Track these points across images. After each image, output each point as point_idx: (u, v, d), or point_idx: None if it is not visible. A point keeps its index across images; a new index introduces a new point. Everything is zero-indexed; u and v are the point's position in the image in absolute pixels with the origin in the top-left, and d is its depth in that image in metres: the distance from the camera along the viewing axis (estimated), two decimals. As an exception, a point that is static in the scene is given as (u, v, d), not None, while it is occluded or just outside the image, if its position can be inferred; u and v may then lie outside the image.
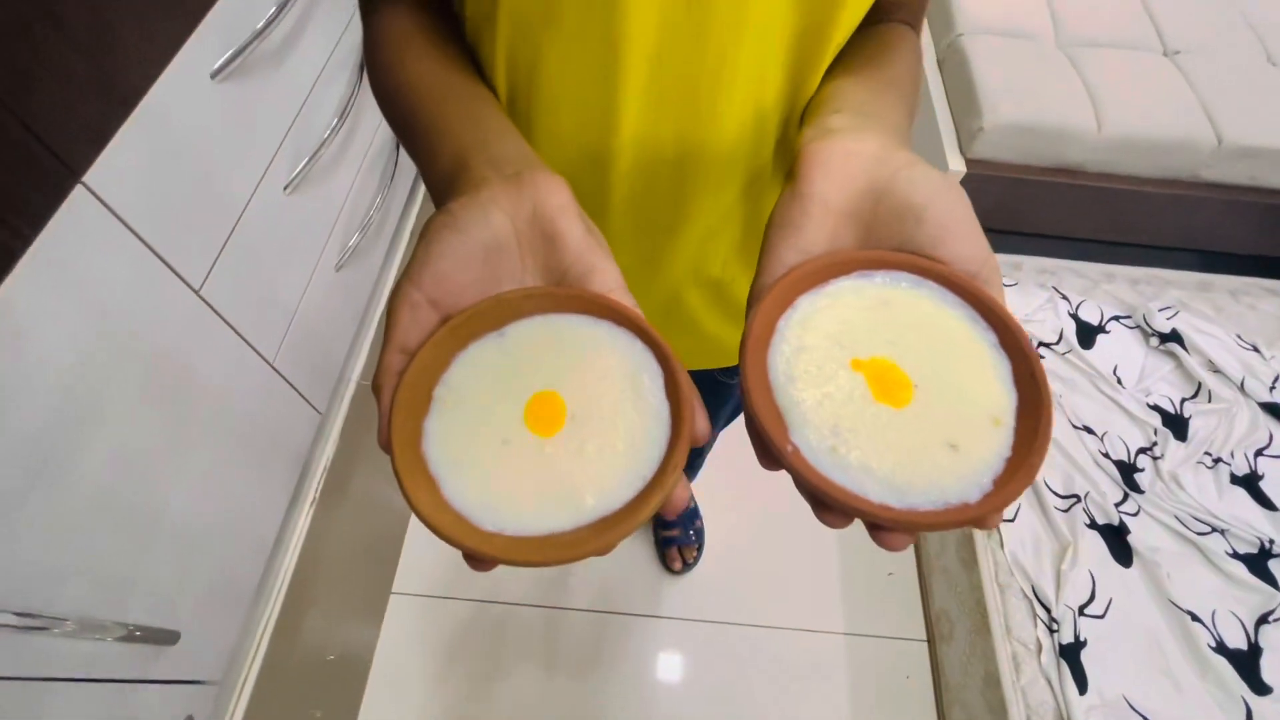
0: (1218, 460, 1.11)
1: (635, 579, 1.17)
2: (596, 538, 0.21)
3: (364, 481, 1.24)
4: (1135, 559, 1.00)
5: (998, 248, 1.07)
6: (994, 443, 0.21)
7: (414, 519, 1.12)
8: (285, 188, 0.96)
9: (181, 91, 0.74)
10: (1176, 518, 1.04)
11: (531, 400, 0.23)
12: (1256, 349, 1.22)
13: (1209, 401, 1.16)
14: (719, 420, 0.77)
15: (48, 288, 0.61)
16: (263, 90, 0.89)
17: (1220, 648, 0.94)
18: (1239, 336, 1.23)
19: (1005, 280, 1.25)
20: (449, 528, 0.21)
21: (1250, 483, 1.09)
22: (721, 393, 0.69)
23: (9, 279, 0.57)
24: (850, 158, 0.24)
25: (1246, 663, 0.93)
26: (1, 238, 0.56)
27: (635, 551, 1.20)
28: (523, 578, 1.15)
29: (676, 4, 0.30)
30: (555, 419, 0.23)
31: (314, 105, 1.01)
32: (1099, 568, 0.99)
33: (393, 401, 0.23)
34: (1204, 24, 1.31)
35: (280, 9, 0.87)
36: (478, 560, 0.22)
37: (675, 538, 1.18)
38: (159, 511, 0.79)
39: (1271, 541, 1.01)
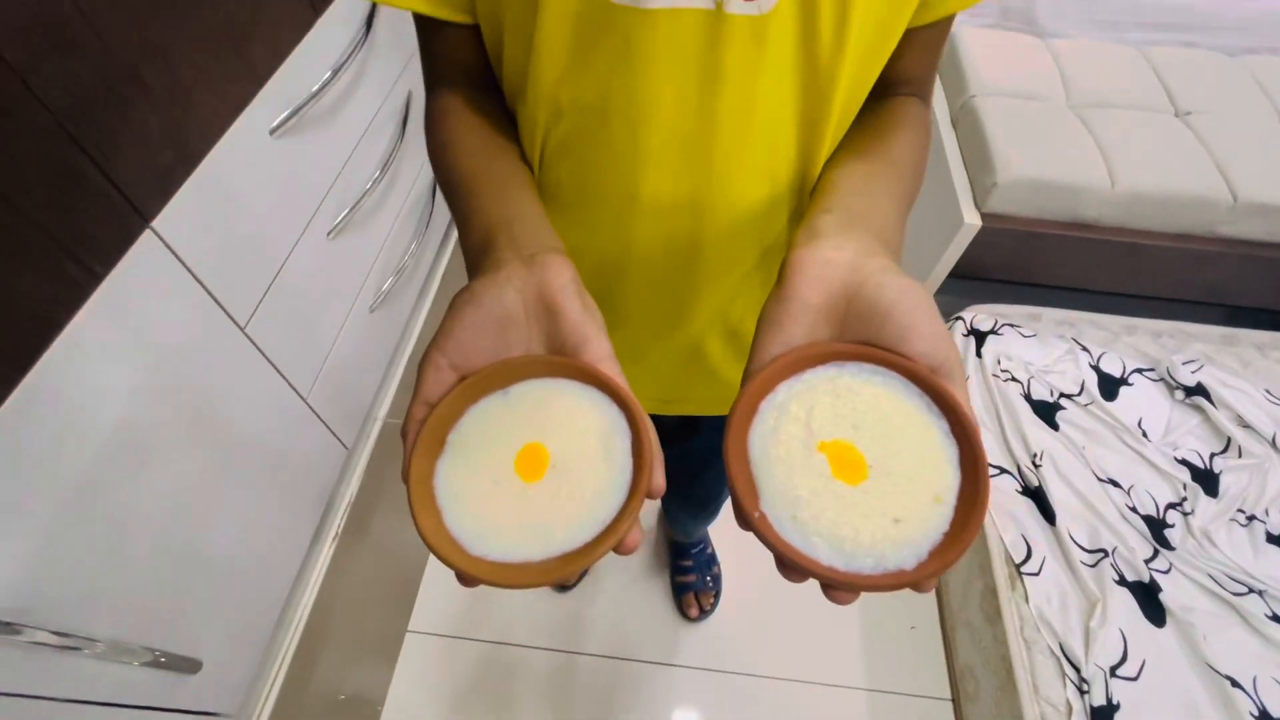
0: (1252, 518, 1.08)
1: (651, 624, 1.16)
2: (561, 567, 0.25)
3: (385, 519, 1.26)
4: (1169, 618, 0.97)
5: (1016, 299, 1.07)
6: (934, 518, 0.24)
7: (432, 557, 1.13)
8: (328, 234, 1.02)
9: (242, 146, 0.81)
10: (1211, 576, 1.00)
11: (522, 450, 0.28)
12: (1287, 404, 1.20)
13: (1239, 457, 1.14)
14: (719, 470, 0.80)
15: (113, 323, 0.66)
16: (314, 145, 0.97)
17: (1264, 716, 0.89)
18: (1268, 391, 1.21)
19: (1024, 331, 1.27)
20: (445, 551, 0.26)
21: (1287, 542, 1.05)
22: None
23: (80, 313, 0.62)
24: (828, 265, 0.28)
25: (1294, 734, 0.88)
26: (76, 275, 0.61)
27: (651, 596, 1.19)
28: (537, 620, 1.15)
29: (689, 87, 0.34)
30: (539, 467, 0.28)
31: (359, 159, 1.08)
32: (1130, 627, 0.96)
33: (414, 445, 0.27)
34: (1214, 86, 1.34)
35: (334, 73, 0.95)
36: (466, 578, 0.26)
37: (691, 583, 1.17)
38: (191, 541, 0.82)
39: (1314, 604, 0.97)
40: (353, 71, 1.02)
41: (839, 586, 0.23)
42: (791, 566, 0.24)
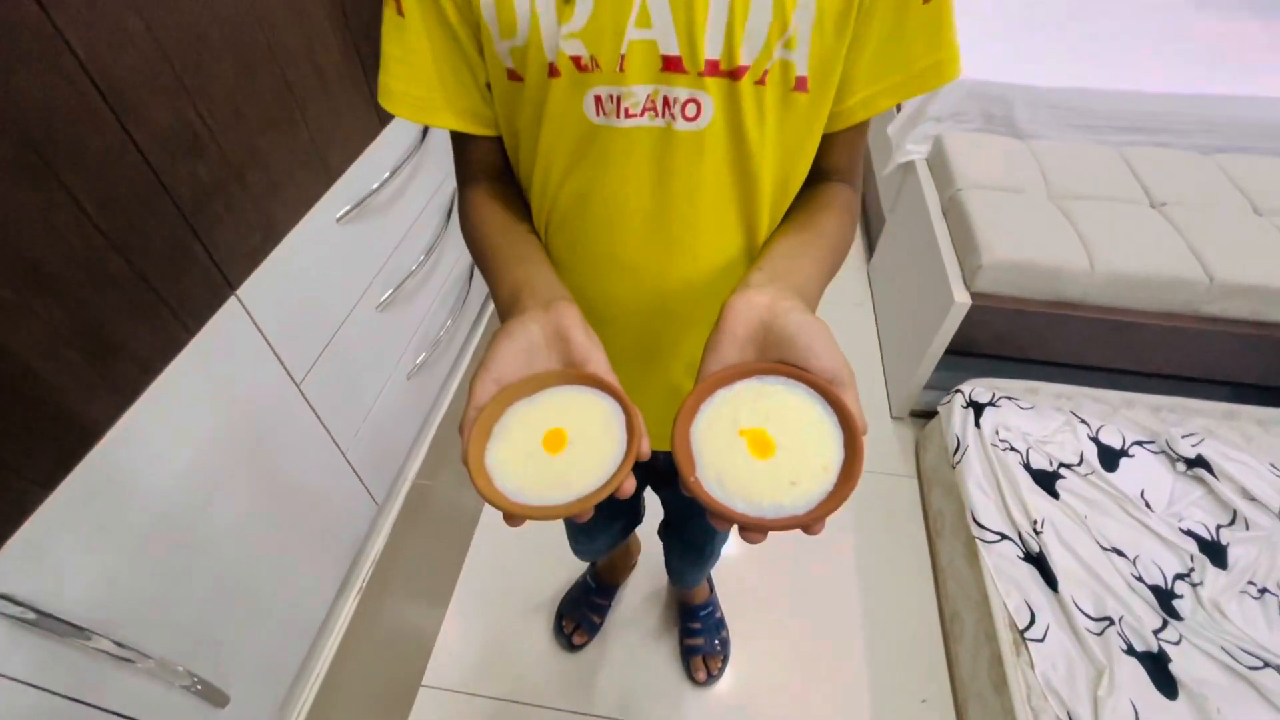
0: (1264, 590, 1.07)
1: (658, 688, 1.16)
2: (580, 505, 0.35)
3: (407, 577, 1.32)
4: (1181, 691, 0.95)
5: (1014, 374, 1.15)
6: (822, 481, 0.32)
7: (448, 613, 1.17)
8: (377, 306, 1.17)
9: (313, 231, 0.96)
10: (1224, 649, 0.99)
11: (547, 433, 0.38)
12: (1294, 478, 1.21)
13: (1247, 529, 1.14)
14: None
15: (198, 372, 0.78)
16: (371, 231, 1.13)
17: (1290, 799, 0.86)
18: (1272, 465, 1.22)
19: (1022, 404, 1.32)
20: (497, 500, 0.36)
21: (1304, 616, 1.04)
22: None
23: (173, 362, 0.74)
24: (751, 307, 0.38)
25: (1323, 819, 0.84)
26: (175, 330, 0.74)
27: (659, 659, 1.20)
28: (548, 679, 1.17)
29: (648, 181, 0.46)
30: (560, 444, 0.38)
31: (408, 244, 1.24)
32: (1141, 698, 0.94)
33: (470, 436, 0.37)
34: (1187, 180, 1.45)
35: (392, 173, 1.13)
36: (512, 518, 0.36)
37: (700, 646, 1.18)
38: (235, 578, 0.90)
39: (1335, 680, 0.95)
40: (408, 171, 1.20)
41: (750, 527, 0.31)
42: (718, 515, 0.32)
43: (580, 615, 1.23)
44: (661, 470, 0.77)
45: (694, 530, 0.88)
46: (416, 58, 0.44)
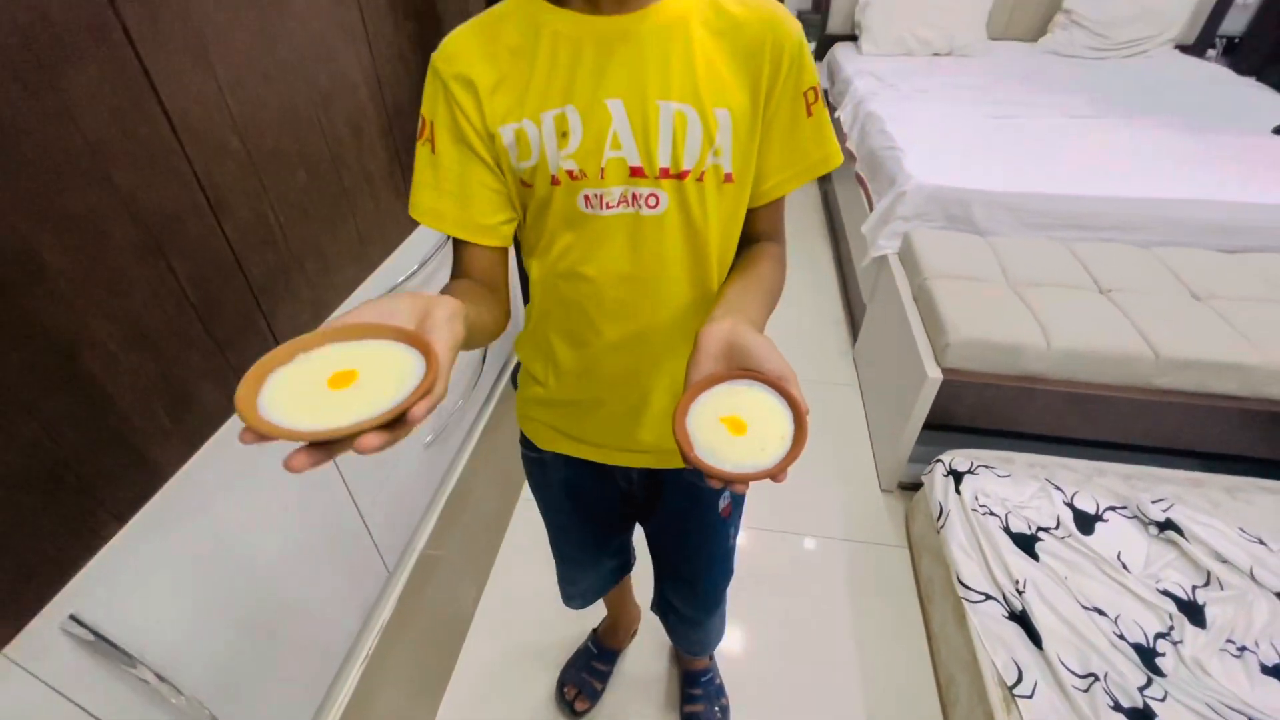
0: (1243, 649, 1.10)
1: (659, 757, 1.17)
2: (325, 435, 0.34)
3: (411, 647, 1.34)
4: (1169, 747, 0.97)
5: (991, 447, 1.25)
6: (781, 446, 0.43)
7: (449, 686, 1.19)
8: (402, 380, 1.29)
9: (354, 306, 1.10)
10: (1209, 705, 1.02)
11: (337, 373, 0.38)
12: (1262, 541, 1.27)
13: (1221, 589, 1.19)
14: (705, 530, 0.87)
15: (231, 459, 0.89)
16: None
17: None
18: (1241, 529, 1.29)
19: (999, 472, 1.40)
20: (243, 410, 0.35)
21: (1284, 674, 1.07)
22: (701, 499, 0.83)
23: (230, 420, 0.85)
24: (719, 331, 0.50)
25: None
26: (213, 403, 0.86)
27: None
28: (548, 749, 1.17)
29: (624, 251, 0.59)
30: (346, 383, 0.37)
31: (431, 325, 1.38)
32: (1130, 754, 0.96)
33: (260, 359, 0.38)
34: (1130, 269, 1.61)
35: (421, 264, 1.29)
36: (247, 433, 0.34)
37: (700, 713, 1.20)
38: (263, 623, 0.96)
39: (1319, 736, 0.98)
40: (432, 265, 1.37)
41: (736, 480, 0.42)
42: (712, 475, 0.42)
43: (582, 681, 1.25)
44: (641, 502, 0.86)
45: (683, 560, 0.92)
46: (440, 184, 0.59)
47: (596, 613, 1.33)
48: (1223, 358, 1.34)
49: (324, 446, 0.34)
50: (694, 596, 0.98)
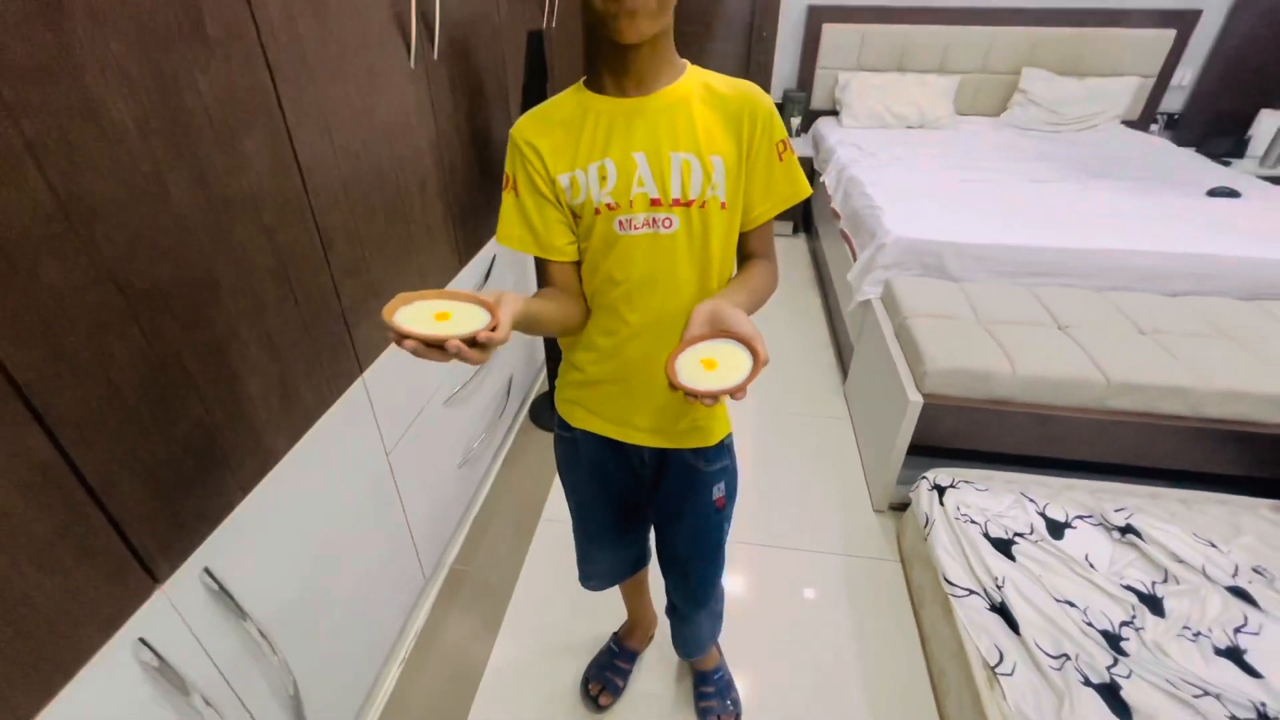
0: (1198, 634, 1.24)
1: (677, 746, 1.26)
2: (441, 339, 0.58)
3: (443, 655, 1.44)
4: (1134, 715, 1.09)
5: (971, 463, 1.44)
6: (741, 375, 0.61)
7: (479, 689, 1.29)
8: (445, 401, 1.45)
9: (413, 337, 1.28)
10: (1168, 681, 1.15)
11: (440, 311, 0.62)
12: (1213, 544, 1.42)
13: (1178, 584, 1.33)
14: (701, 515, 1.00)
15: (333, 428, 1.05)
16: (447, 343, 1.45)
17: (1238, 804, 0.98)
18: (1195, 534, 1.44)
19: (978, 486, 1.56)
20: (388, 319, 0.59)
21: (1234, 655, 1.20)
22: (699, 483, 0.97)
23: (323, 417, 1.01)
24: (706, 306, 0.69)
25: (1269, 821, 0.96)
26: (327, 394, 1.03)
27: (675, 717, 1.31)
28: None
29: (646, 262, 0.79)
30: (445, 318, 0.61)
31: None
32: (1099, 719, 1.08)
33: (396, 297, 0.63)
34: (1085, 309, 1.83)
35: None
36: (394, 333, 0.58)
37: (713, 707, 1.30)
38: (332, 620, 1.09)
39: (1264, 704, 1.10)
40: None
41: (703, 394, 0.60)
42: (688, 392, 0.60)
43: (605, 679, 1.35)
44: (648, 485, 1.02)
45: (676, 539, 1.05)
46: (522, 220, 0.81)
47: (617, 617, 1.45)
48: (1165, 382, 1.53)
49: (430, 347, 0.58)
50: (686, 586, 1.10)
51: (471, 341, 0.58)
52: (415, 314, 0.61)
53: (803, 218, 3.74)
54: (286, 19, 0.86)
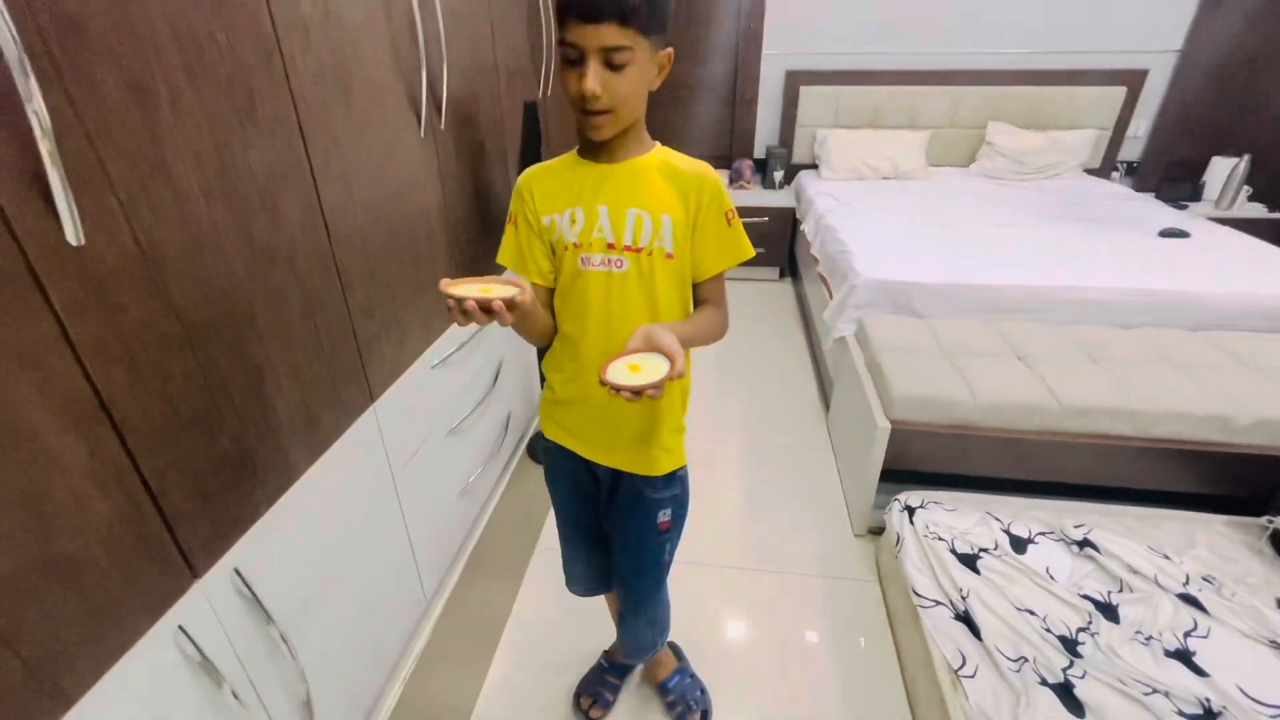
0: (1150, 638, 1.32)
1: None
2: (479, 296, 0.76)
3: (442, 679, 1.52)
4: (1087, 712, 1.17)
5: (941, 485, 1.57)
6: (658, 375, 0.76)
7: (478, 703, 1.38)
8: (448, 431, 1.58)
9: (419, 370, 1.42)
10: (1120, 680, 1.23)
11: (483, 285, 0.78)
12: (1167, 556, 1.51)
13: (1132, 592, 1.42)
14: (643, 534, 1.12)
15: (348, 451, 1.17)
16: (450, 377, 1.58)
17: (1182, 790, 1.05)
18: (1150, 546, 1.53)
19: (946, 506, 1.67)
20: (445, 287, 0.78)
21: (1184, 656, 1.28)
22: (646, 507, 1.10)
23: (339, 439, 1.14)
24: (641, 329, 0.83)
25: (1211, 805, 1.03)
26: (341, 418, 1.15)
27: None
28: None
29: (602, 296, 0.94)
30: (486, 289, 0.77)
31: (469, 392, 1.69)
32: (1054, 716, 1.16)
33: (449, 280, 0.79)
34: (1042, 341, 1.96)
35: (460, 346, 1.62)
36: (453, 300, 0.77)
37: (680, 712, 1.40)
38: (341, 631, 1.18)
39: (1209, 699, 1.18)
40: (473, 343, 1.70)
41: (624, 388, 0.74)
42: (614, 387, 0.74)
43: (596, 693, 1.43)
44: (605, 500, 1.14)
45: (625, 534, 1.15)
46: (516, 246, 0.98)
47: (608, 637, 1.53)
48: (1113, 405, 1.65)
49: (479, 309, 0.76)
50: (626, 595, 1.22)
51: (509, 304, 0.76)
52: (465, 286, 0.78)
53: (789, 263, 3.94)
54: (320, 104, 1.03)
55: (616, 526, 1.16)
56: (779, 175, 3.91)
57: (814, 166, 3.90)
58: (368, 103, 1.17)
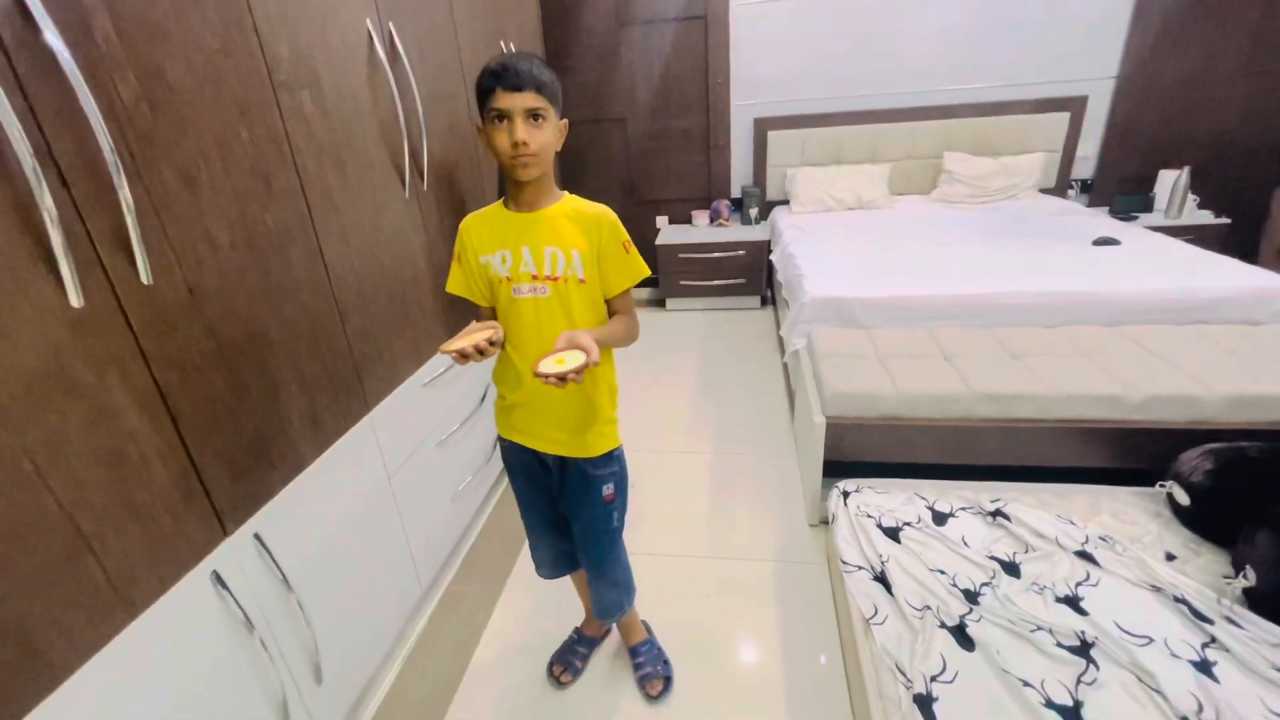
0: (1044, 588, 1.50)
1: (624, 707, 1.53)
2: (454, 344, 1.09)
3: (436, 653, 1.74)
4: (977, 646, 1.36)
5: (876, 475, 1.82)
6: (578, 363, 1.02)
7: (461, 685, 1.61)
8: (438, 443, 1.84)
9: (411, 388, 1.70)
10: (1009, 621, 1.41)
11: (468, 333, 1.10)
12: (1071, 522, 1.69)
13: (1035, 552, 1.60)
14: (593, 506, 1.36)
15: (347, 451, 1.44)
16: (440, 395, 1.86)
17: (1049, 704, 1.23)
18: (1059, 515, 1.72)
19: (879, 490, 1.87)
20: (441, 347, 1.08)
21: (1072, 602, 1.46)
22: (591, 483, 1.34)
23: (341, 439, 1.41)
24: (565, 332, 1.09)
25: (1072, 714, 1.21)
26: (340, 424, 1.43)
27: (625, 689, 1.58)
28: (542, 714, 1.54)
29: (533, 317, 1.21)
30: (473, 336, 1.09)
31: (459, 409, 1.97)
32: (948, 652, 1.34)
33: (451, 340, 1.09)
34: (970, 343, 2.19)
35: (447, 368, 1.91)
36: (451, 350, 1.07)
37: (648, 673, 1.58)
38: (340, 608, 1.43)
39: (1084, 632, 1.36)
40: (457, 370, 1.98)
41: (551, 375, 1.00)
42: (546, 378, 1.00)
43: (566, 661, 1.64)
44: (558, 486, 1.38)
45: (579, 505, 1.37)
46: (461, 276, 1.26)
47: (580, 617, 1.75)
48: (1017, 390, 1.86)
49: (475, 351, 1.06)
50: (588, 562, 1.46)
51: (491, 341, 1.07)
52: (457, 344, 1.06)
53: (770, 292, 4.20)
54: (320, 175, 1.35)
55: (570, 505, 1.40)
56: (754, 212, 4.22)
57: (786, 202, 4.20)
58: (360, 172, 1.49)
